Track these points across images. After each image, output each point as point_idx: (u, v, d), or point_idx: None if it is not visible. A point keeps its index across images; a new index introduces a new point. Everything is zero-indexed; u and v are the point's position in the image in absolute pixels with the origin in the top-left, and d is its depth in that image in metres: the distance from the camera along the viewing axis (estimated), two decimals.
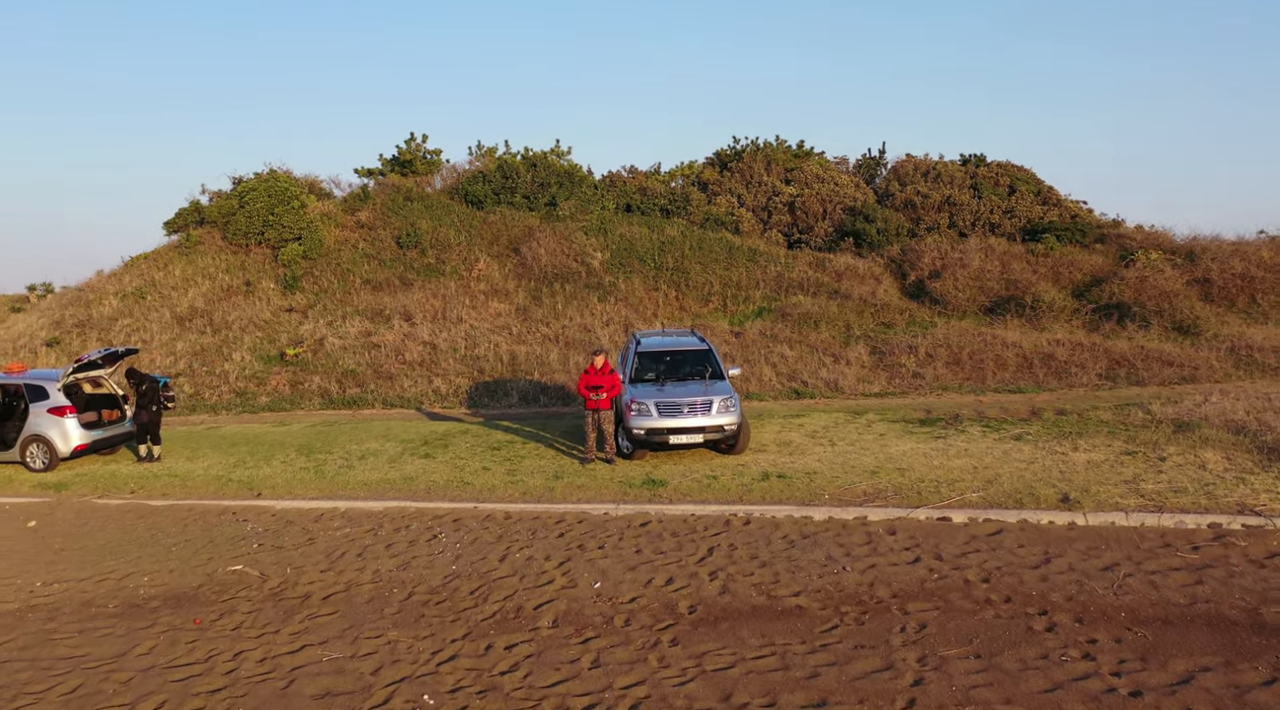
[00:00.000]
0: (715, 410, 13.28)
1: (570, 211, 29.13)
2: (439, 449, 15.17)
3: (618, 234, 28.07)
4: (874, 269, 29.12)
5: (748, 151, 38.46)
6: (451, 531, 11.25)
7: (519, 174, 31.08)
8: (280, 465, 14.46)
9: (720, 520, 11.17)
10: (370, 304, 25.02)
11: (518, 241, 27.83)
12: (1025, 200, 34.57)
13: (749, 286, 27.00)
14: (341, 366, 21.99)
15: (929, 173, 37.05)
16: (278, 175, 29.32)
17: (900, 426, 15.55)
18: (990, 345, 22.03)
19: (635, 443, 13.52)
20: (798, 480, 12.29)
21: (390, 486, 13.02)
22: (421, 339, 23.04)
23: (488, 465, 13.96)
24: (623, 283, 26.12)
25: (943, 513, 10.98)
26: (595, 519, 11.44)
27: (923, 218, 33.95)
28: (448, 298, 25.16)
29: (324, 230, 27.71)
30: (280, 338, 23.60)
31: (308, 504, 12.54)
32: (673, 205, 31.11)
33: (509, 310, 24.76)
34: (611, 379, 13.62)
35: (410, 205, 29.04)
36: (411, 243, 27.34)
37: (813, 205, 34.84)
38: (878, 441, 14.40)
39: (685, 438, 13.23)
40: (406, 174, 33.32)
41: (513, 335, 23.41)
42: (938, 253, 29.50)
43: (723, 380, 14.14)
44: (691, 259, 27.47)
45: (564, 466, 13.73)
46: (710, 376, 14.10)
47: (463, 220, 28.63)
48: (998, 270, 28.03)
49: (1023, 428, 14.83)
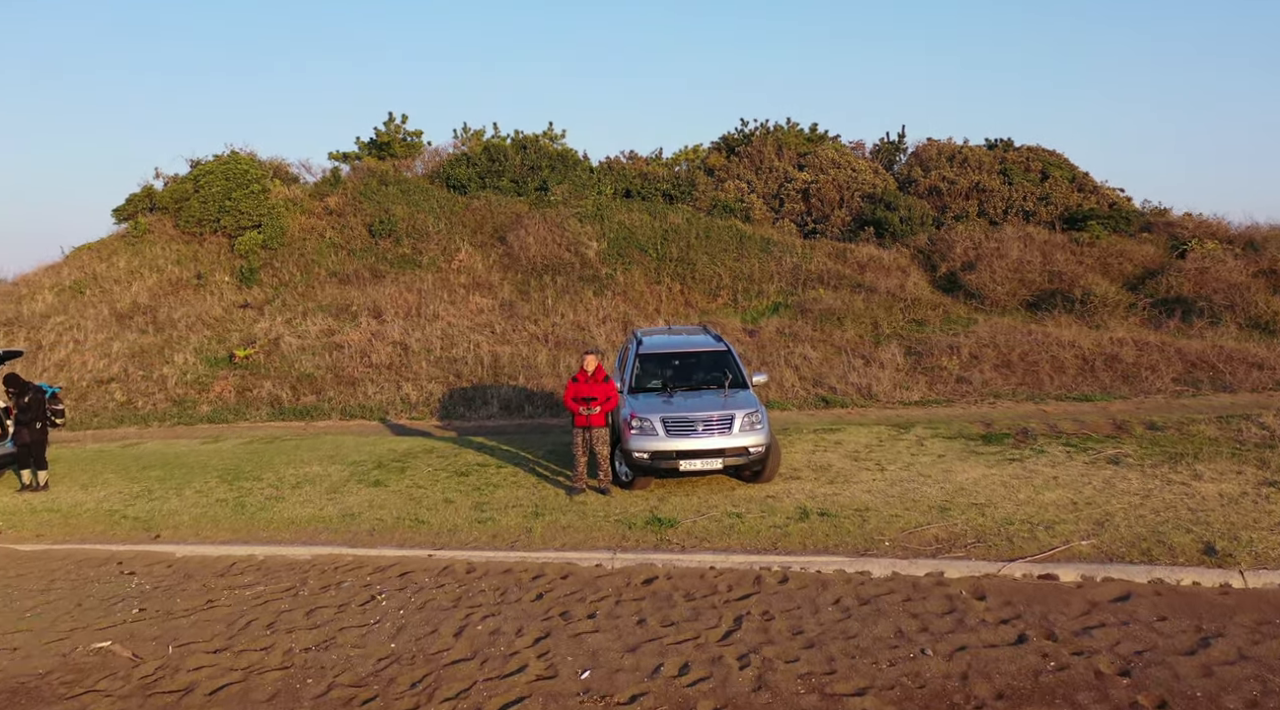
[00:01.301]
0: (738, 428, 10.68)
1: (563, 196, 26.55)
2: (394, 474, 12.56)
3: (616, 221, 25.49)
4: (900, 260, 26.58)
5: (757, 135, 35.95)
6: (395, 591, 8.67)
7: (507, 157, 28.50)
8: (193, 496, 11.84)
9: (748, 576, 8.61)
10: (336, 299, 22.44)
11: (504, 229, 25.25)
12: (1060, 187, 32.11)
13: (762, 279, 24.44)
14: (298, 370, 19.39)
15: (954, 157, 34.57)
16: (239, 157, 26.73)
17: (960, 445, 12.96)
18: (1043, 345, 19.45)
19: (636, 469, 10.92)
20: (846, 520, 9.70)
21: (325, 526, 10.42)
22: (391, 338, 20.45)
23: (451, 497, 11.35)
24: (621, 275, 23.54)
25: (1045, 568, 8.40)
26: (584, 573, 8.87)
27: (949, 205, 31.48)
28: (423, 292, 22.58)
29: (287, 217, 25.13)
30: (231, 337, 21.02)
31: (216, 550, 9.94)
32: (677, 190, 28.54)
33: (492, 306, 22.18)
34: (606, 388, 11.02)
35: (385, 190, 26.45)
36: (385, 231, 24.76)
37: (829, 192, 32.32)
38: (937, 465, 11.80)
39: (700, 463, 10.62)
40: (384, 157, 30.75)
41: (495, 334, 20.83)
42: (970, 242, 26.98)
43: (745, 389, 11.54)
44: (698, 249, 24.90)
45: (547, 498, 11.13)
46: (730, 385, 11.48)
47: (443, 206, 26.05)
48: (1038, 261, 25.48)
49: (1114, 446, 12.24)
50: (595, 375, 11.08)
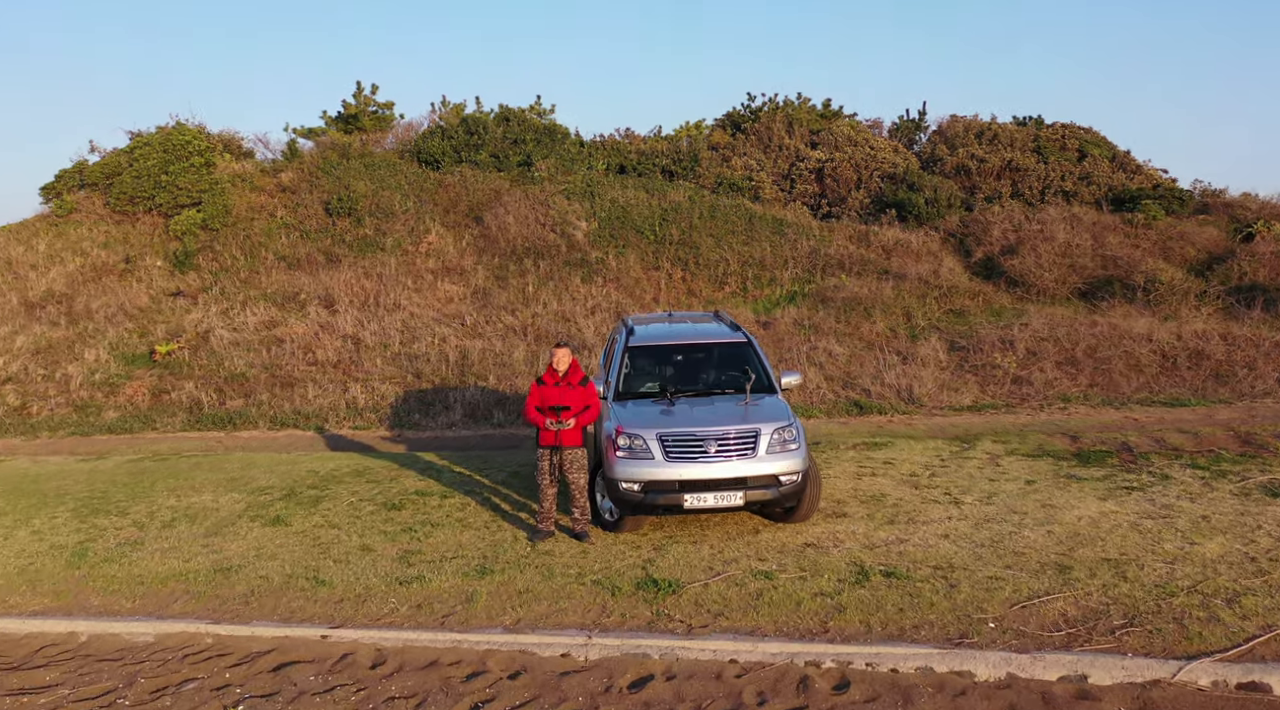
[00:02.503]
0: (764, 448, 7.80)
1: (549, 172, 23.64)
2: (303, 507, 9.64)
3: (608, 199, 22.59)
4: (929, 244, 23.67)
5: (765, 111, 33.02)
6: (260, 700, 5.78)
7: (487, 129, 25.57)
8: (26, 539, 8.92)
9: (788, 677, 5.81)
10: (283, 286, 19.53)
11: (480, 208, 22.35)
12: (1101, 166, 29.26)
13: (775, 265, 21.55)
14: (227, 369, 16.48)
15: (983, 134, 31.69)
16: (184, 128, 23.80)
17: (1048, 465, 10.06)
18: (1111, 339, 16.58)
19: (624, 505, 8.04)
20: (925, 584, 6.82)
21: (186, 588, 7.51)
22: (342, 331, 17.55)
23: (372, 542, 8.44)
24: (614, 259, 20.65)
25: (1245, 670, 5.54)
26: (545, 670, 6.03)
27: (979, 186, 28.61)
28: (384, 278, 19.68)
29: (232, 195, 22.21)
30: (157, 330, 18.11)
31: (23, 625, 7.04)
32: (677, 166, 25.62)
33: (463, 294, 19.27)
34: (583, 394, 8.14)
35: (346, 165, 23.53)
36: (344, 210, 21.85)
37: (846, 172, 29.41)
38: (1030, 496, 8.90)
39: (712, 498, 7.74)
40: (351, 131, 27.80)
41: (465, 327, 17.92)
42: (1009, 224, 24.11)
43: (773, 395, 8.66)
44: (702, 230, 22.01)
45: (501, 545, 8.22)
46: (753, 389, 8.56)
47: (412, 182, 23.14)
48: (1089, 245, 22.60)
49: (1261, 469, 9.35)
50: (569, 376, 8.19)
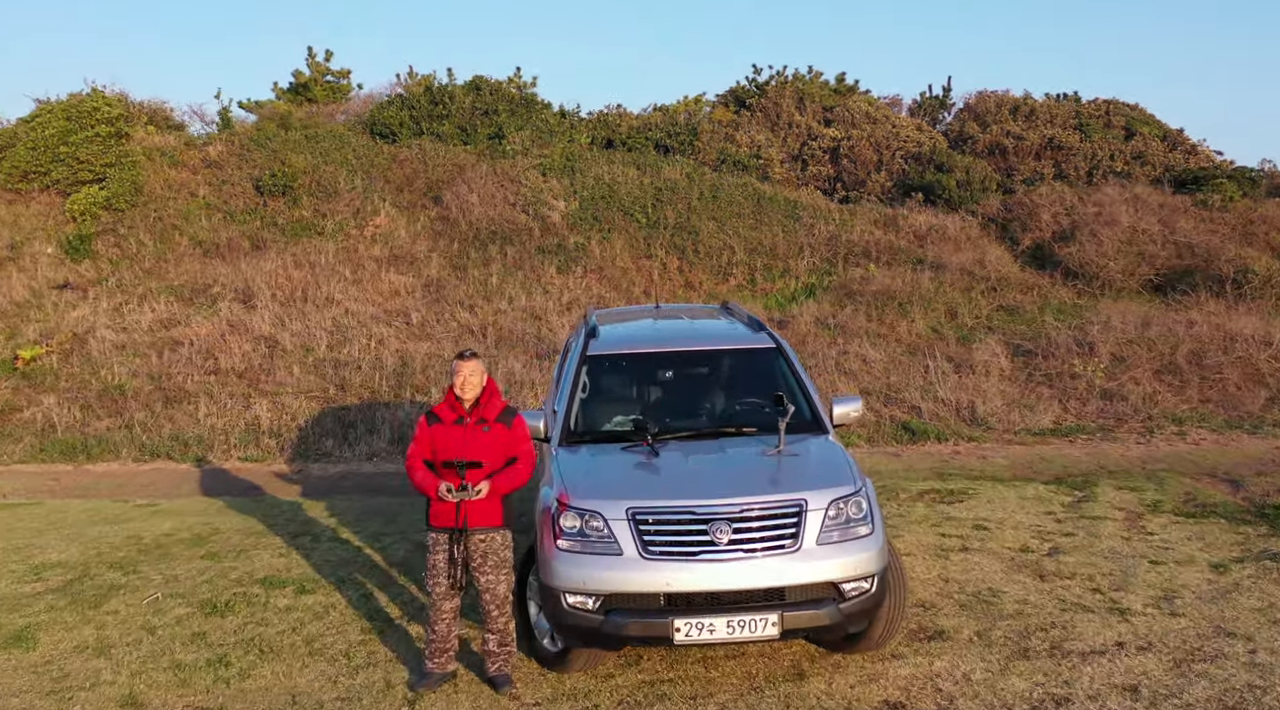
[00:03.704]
0: (814, 535, 4.45)
1: (523, 145, 20.29)
2: (80, 608, 6.26)
3: (591, 176, 19.27)
4: (968, 230, 20.36)
5: (773, 86, 29.69)
6: None
7: (454, 99, 22.23)
8: None
9: None
10: (194, 277, 16.20)
11: (440, 185, 19.01)
12: (1153, 145, 26.03)
13: (789, 253, 18.26)
14: (103, 380, 13.16)
15: (1018, 110, 28.43)
16: (99, 94, 20.46)
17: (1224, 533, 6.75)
18: (1217, 342, 13.28)
19: (573, 631, 4.63)
20: None
21: None
22: (257, 332, 14.22)
23: (144, 690, 5.07)
24: (597, 245, 17.34)
25: None
26: None
27: (1016, 167, 25.32)
28: (319, 268, 16.35)
29: (146, 170, 18.85)
30: (29, 330, 14.78)
31: None
32: (673, 140, 22.28)
33: (412, 286, 15.94)
34: (504, 437, 4.82)
35: (285, 136, 20.16)
36: (278, 188, 18.51)
37: (864, 152, 26.09)
38: (1229, 594, 5.61)
39: (724, 625, 4.40)
40: (301, 104, 24.45)
41: (410, 325, 14.60)
42: (1060, 207, 20.82)
43: (822, 436, 5.28)
44: (702, 213, 18.70)
45: (362, 697, 4.81)
46: (790, 426, 5.11)
47: (361, 157, 19.80)
48: (1157, 230, 19.28)
49: None
50: (482, 407, 4.84)
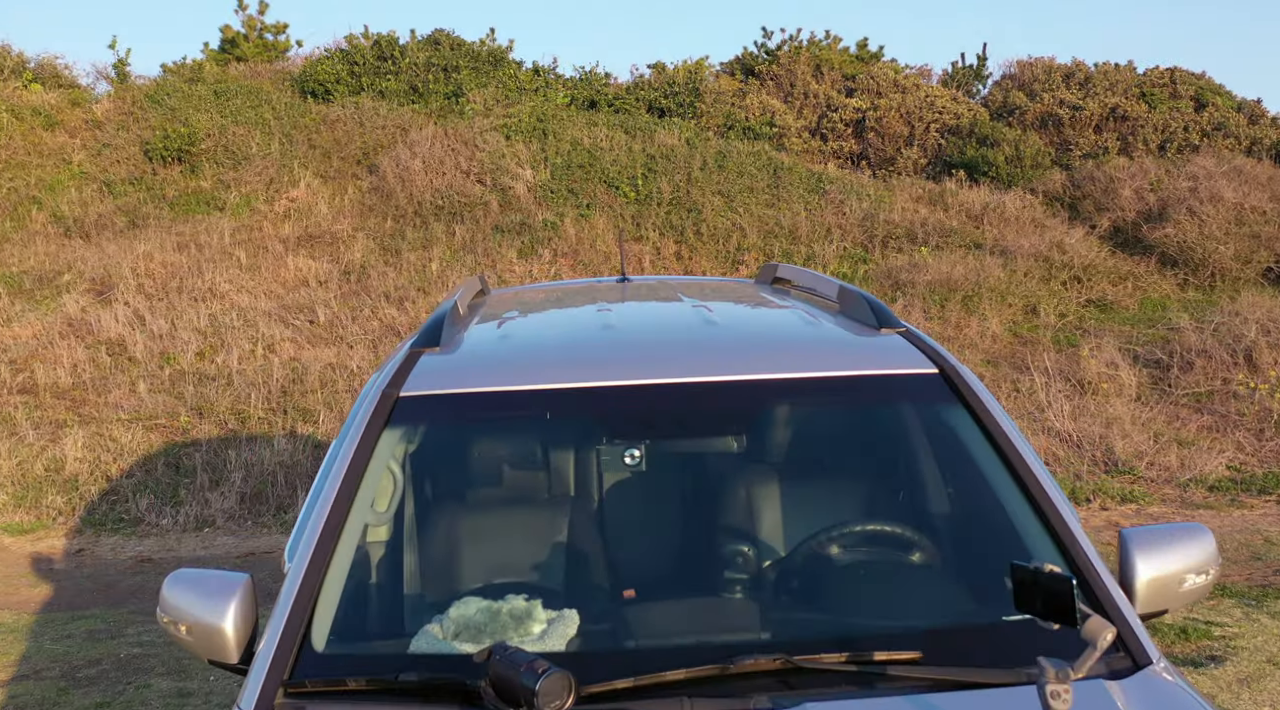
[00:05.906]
0: None
1: (483, 104, 16.62)
2: None
3: (568, 139, 15.63)
4: (1030, 209, 16.85)
5: (786, 50, 26.17)
6: None
7: (405, 54, 18.58)
8: None
9: None
10: (42, 262, 12.56)
11: (378, 151, 15.36)
12: (1230, 116, 22.66)
13: (814, 236, 14.70)
14: None
15: (1071, 78, 25.01)
16: None
17: None
18: None
19: None
20: None
21: None
22: (104, 334, 10.53)
23: None
24: (571, 223, 13.68)
25: None
26: None
27: (1074, 141, 21.87)
28: (208, 250, 12.70)
29: (12, 132, 15.20)
30: None
31: None
32: (670, 100, 18.63)
33: (327, 273, 12.29)
34: None
35: (189, 90, 16.51)
36: (170, 153, 14.88)
37: (894, 125, 22.57)
38: None
39: None
40: (229, 64, 20.80)
41: (315, 325, 10.93)
42: (1145, 181, 17.36)
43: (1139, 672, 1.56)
44: (705, 186, 15.06)
45: None
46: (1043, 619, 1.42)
47: (282, 117, 16.17)
48: (1272, 209, 15.80)
49: None
50: None
